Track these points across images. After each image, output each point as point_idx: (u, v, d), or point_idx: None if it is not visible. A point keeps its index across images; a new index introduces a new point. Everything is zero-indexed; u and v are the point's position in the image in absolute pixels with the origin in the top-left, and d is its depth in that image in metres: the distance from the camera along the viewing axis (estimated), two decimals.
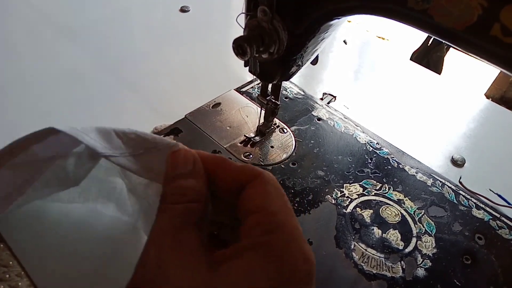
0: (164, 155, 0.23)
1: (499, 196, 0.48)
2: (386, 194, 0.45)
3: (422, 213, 0.43)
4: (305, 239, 0.20)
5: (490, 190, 0.49)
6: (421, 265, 0.38)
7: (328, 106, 0.58)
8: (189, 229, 0.19)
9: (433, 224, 0.42)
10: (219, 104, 0.55)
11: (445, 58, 1.70)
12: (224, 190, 0.23)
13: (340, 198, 0.44)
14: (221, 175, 0.23)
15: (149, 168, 0.23)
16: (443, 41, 0.29)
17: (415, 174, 0.48)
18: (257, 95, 0.49)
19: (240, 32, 0.36)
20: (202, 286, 0.17)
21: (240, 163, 0.23)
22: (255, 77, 0.51)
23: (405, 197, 0.45)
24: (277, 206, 0.20)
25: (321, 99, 0.62)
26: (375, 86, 0.68)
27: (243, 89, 0.59)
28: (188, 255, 0.18)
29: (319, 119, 0.55)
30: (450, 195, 0.46)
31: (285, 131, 0.52)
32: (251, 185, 0.21)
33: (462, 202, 0.45)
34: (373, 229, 0.41)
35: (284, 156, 0.48)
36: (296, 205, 0.42)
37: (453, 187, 0.47)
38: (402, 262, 0.38)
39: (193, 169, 0.22)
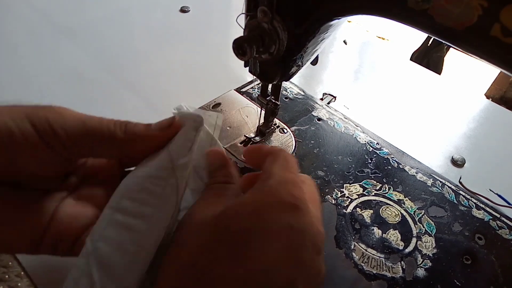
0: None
1: (499, 196, 0.48)
2: (386, 194, 0.45)
3: (422, 213, 0.43)
4: (301, 187, 0.24)
5: (490, 190, 0.49)
6: (421, 265, 0.38)
7: (328, 106, 0.58)
8: (223, 195, 0.26)
9: (433, 224, 0.42)
10: (219, 104, 0.55)
11: (445, 58, 1.70)
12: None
13: (340, 198, 0.44)
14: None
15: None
16: (443, 41, 0.29)
17: (415, 174, 0.48)
18: (257, 95, 0.49)
19: (240, 32, 0.36)
20: (216, 210, 0.22)
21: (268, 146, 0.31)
22: (255, 77, 0.51)
23: (405, 197, 0.45)
24: (275, 166, 0.25)
25: (321, 99, 0.62)
26: (375, 86, 0.68)
27: (243, 89, 0.59)
28: (217, 199, 0.25)
29: (319, 119, 0.55)
30: (450, 195, 0.46)
31: (285, 131, 0.52)
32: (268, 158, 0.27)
33: (462, 202, 0.45)
34: (373, 229, 0.41)
35: None
36: None
37: (453, 187, 0.47)
38: (402, 262, 0.38)
39: (223, 162, 0.30)
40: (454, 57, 1.82)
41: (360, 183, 0.46)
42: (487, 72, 1.80)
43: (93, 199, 0.28)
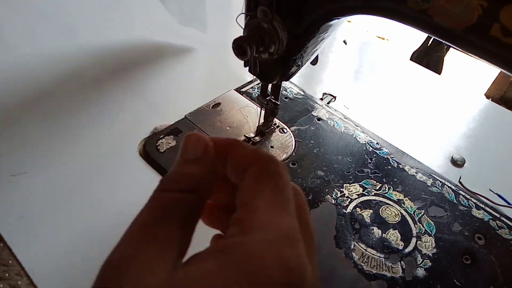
0: None
1: (499, 196, 0.48)
2: (386, 194, 0.45)
3: (422, 213, 0.43)
4: (299, 244, 0.16)
5: (490, 190, 0.49)
6: (421, 265, 0.38)
7: (328, 106, 0.58)
8: (168, 222, 0.17)
9: (433, 224, 0.42)
10: (219, 104, 0.55)
11: (445, 58, 1.70)
12: (232, 173, 0.21)
13: (340, 198, 0.44)
14: (231, 156, 0.20)
15: None
16: (443, 41, 0.29)
17: (415, 174, 0.48)
18: (257, 95, 0.49)
19: (240, 32, 0.36)
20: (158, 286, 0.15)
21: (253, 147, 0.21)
22: (255, 77, 0.51)
23: (405, 197, 0.45)
24: (265, 200, 0.17)
25: (321, 99, 0.62)
26: (375, 86, 0.68)
27: (243, 89, 0.59)
28: (155, 251, 0.16)
29: (319, 119, 0.55)
30: (450, 195, 0.46)
31: (285, 131, 0.52)
32: (248, 173, 0.19)
33: (462, 202, 0.45)
34: (373, 229, 0.41)
35: (284, 156, 0.48)
36: None
37: (453, 187, 0.47)
38: (402, 262, 0.38)
39: (202, 156, 0.20)
40: (454, 57, 1.82)
41: (360, 183, 0.46)
42: (487, 72, 1.80)
43: None
